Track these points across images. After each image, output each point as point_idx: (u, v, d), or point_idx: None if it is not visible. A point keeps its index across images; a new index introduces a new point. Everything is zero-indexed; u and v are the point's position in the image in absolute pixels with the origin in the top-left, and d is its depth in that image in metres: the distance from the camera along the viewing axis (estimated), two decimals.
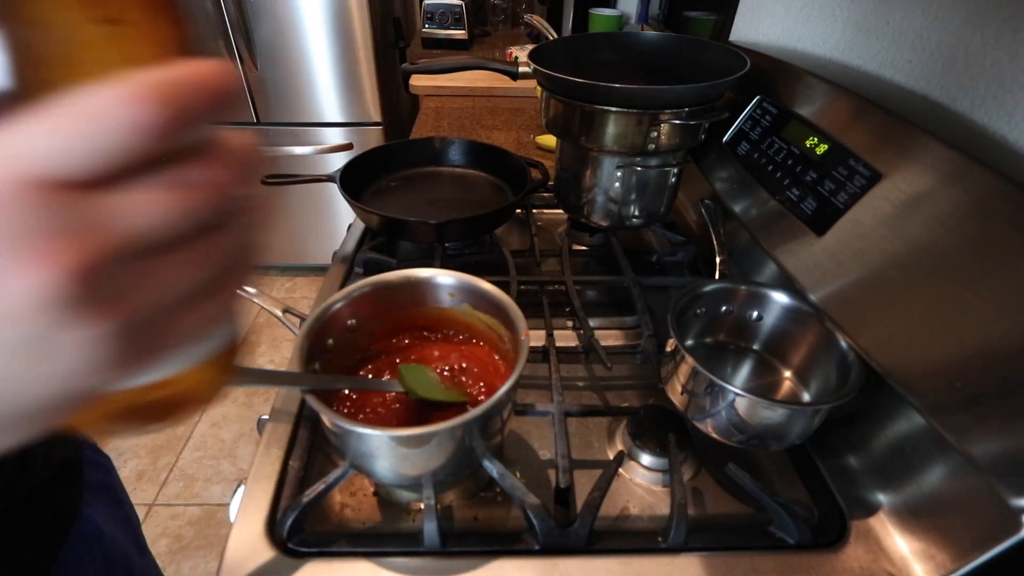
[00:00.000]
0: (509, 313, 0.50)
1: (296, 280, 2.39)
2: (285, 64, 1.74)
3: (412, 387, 0.48)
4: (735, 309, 0.61)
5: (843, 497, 0.51)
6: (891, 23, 0.63)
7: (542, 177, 0.88)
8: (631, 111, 0.67)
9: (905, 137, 0.53)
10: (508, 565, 0.45)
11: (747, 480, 0.49)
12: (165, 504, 1.55)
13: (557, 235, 0.93)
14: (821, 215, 0.59)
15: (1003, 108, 0.51)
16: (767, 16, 0.88)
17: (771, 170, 0.68)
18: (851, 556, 0.47)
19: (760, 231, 0.67)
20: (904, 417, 0.49)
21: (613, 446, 0.57)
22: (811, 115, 0.66)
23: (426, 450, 0.43)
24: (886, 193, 0.53)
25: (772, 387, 0.59)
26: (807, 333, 0.57)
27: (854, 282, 0.53)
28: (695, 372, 0.51)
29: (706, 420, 0.52)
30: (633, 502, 0.52)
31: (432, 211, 0.84)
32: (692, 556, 0.46)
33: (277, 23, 1.66)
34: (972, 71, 0.53)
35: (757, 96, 0.75)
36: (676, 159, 0.74)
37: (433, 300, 0.56)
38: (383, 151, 0.92)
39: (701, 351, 0.63)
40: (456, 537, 0.48)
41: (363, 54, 1.74)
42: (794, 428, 0.49)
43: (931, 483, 0.46)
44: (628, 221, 0.80)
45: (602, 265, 0.86)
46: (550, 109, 0.76)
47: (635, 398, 0.63)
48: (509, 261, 0.77)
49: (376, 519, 0.50)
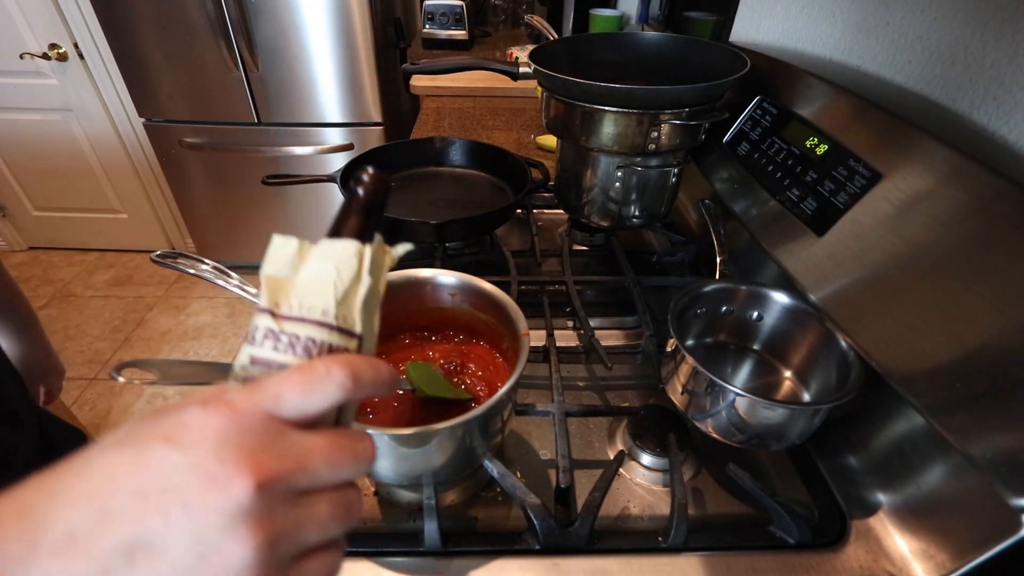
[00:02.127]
0: (509, 313, 0.50)
1: None
2: (286, 65, 1.74)
3: (419, 384, 0.48)
4: (735, 309, 0.61)
5: (843, 497, 0.51)
6: (891, 23, 0.63)
7: (542, 177, 0.88)
8: (631, 111, 0.67)
9: (905, 137, 0.53)
10: (508, 565, 0.45)
11: (747, 480, 0.49)
12: None
13: (557, 235, 0.93)
14: (821, 215, 0.59)
15: (1003, 108, 0.51)
16: (767, 16, 0.88)
17: (771, 170, 0.68)
18: (851, 556, 0.47)
19: (760, 231, 0.67)
20: (904, 417, 0.49)
21: (613, 446, 0.57)
22: (811, 115, 0.66)
23: (426, 450, 0.43)
24: (886, 193, 0.53)
25: (772, 387, 0.59)
26: (807, 333, 0.57)
27: (854, 282, 0.53)
28: (695, 372, 0.51)
29: (706, 420, 0.52)
30: (633, 502, 0.52)
31: (432, 211, 0.84)
32: (692, 556, 0.46)
33: (278, 24, 1.66)
34: (972, 71, 0.53)
35: (757, 96, 0.75)
36: (676, 159, 0.74)
37: (434, 300, 0.56)
38: (384, 151, 0.93)
39: (701, 351, 0.63)
40: (456, 537, 0.48)
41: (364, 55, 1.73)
42: (794, 428, 0.49)
43: (931, 483, 0.46)
44: (628, 221, 0.80)
45: (602, 265, 0.86)
46: (550, 109, 0.76)
47: (635, 398, 0.63)
48: (509, 261, 0.77)
49: (376, 519, 0.50)
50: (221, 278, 0.59)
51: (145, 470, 0.19)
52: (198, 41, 1.69)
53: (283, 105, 1.84)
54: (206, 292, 2.25)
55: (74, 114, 2.05)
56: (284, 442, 0.21)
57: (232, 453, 0.19)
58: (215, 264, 0.60)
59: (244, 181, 2.01)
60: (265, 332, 0.24)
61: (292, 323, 0.24)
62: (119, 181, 2.24)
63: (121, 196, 2.29)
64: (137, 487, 0.19)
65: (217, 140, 1.92)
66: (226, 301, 2.21)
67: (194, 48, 1.71)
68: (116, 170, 2.21)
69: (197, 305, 2.21)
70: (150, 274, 2.36)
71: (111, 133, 2.10)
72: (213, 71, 1.75)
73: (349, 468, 0.23)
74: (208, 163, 1.98)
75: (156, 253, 0.62)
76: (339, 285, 0.25)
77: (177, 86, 1.80)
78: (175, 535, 0.18)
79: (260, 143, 1.93)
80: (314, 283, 0.25)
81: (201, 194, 2.08)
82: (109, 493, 0.18)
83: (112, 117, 2.07)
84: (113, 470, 0.19)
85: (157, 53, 1.73)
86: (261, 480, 0.19)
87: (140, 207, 2.33)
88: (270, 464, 0.20)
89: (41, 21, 1.85)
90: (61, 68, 1.94)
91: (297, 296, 0.24)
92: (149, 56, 1.74)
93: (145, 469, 0.19)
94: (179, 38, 1.69)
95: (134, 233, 2.41)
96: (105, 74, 1.96)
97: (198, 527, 0.18)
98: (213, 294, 2.25)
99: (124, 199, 2.30)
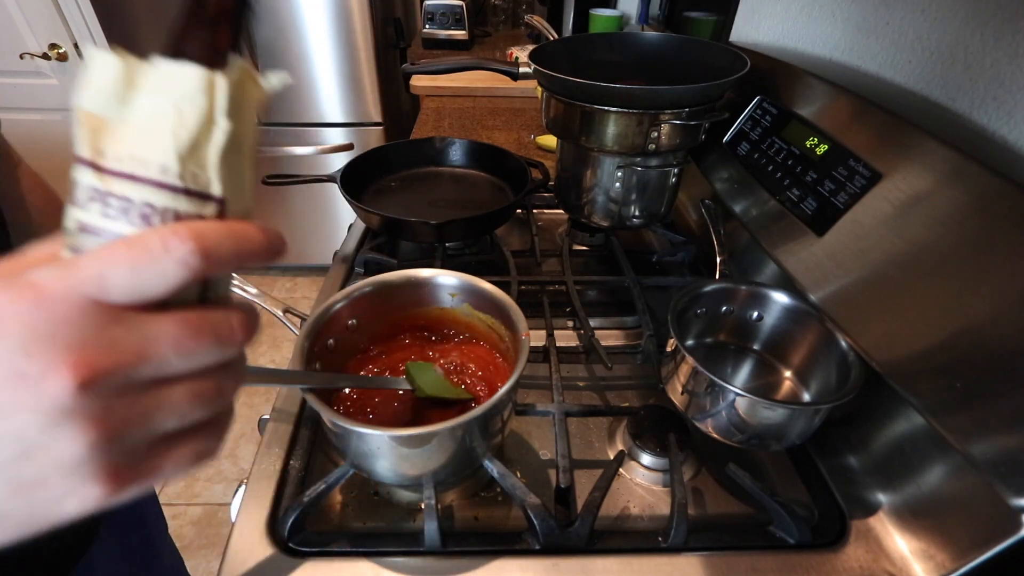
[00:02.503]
0: (510, 313, 0.50)
1: (297, 280, 2.39)
2: (286, 65, 1.74)
3: (419, 384, 0.48)
4: (735, 309, 0.61)
5: (843, 497, 0.51)
6: (891, 23, 0.63)
7: (542, 177, 0.88)
8: (631, 111, 0.67)
9: (905, 137, 0.53)
10: (509, 565, 0.45)
11: (747, 480, 0.49)
12: (166, 504, 1.55)
13: (557, 235, 0.93)
14: (821, 215, 0.59)
15: (1002, 108, 0.51)
16: (767, 17, 0.88)
17: (771, 170, 0.68)
18: (851, 556, 0.47)
19: (760, 231, 0.67)
20: (904, 417, 0.49)
21: (613, 446, 0.57)
22: (811, 115, 0.66)
23: (426, 450, 0.43)
24: (886, 193, 0.53)
25: (772, 387, 0.59)
26: (807, 333, 0.57)
27: (854, 282, 0.53)
28: (695, 372, 0.51)
29: (706, 420, 0.52)
30: (633, 502, 0.52)
31: (432, 211, 0.84)
32: (692, 556, 0.46)
33: (278, 24, 1.66)
34: (972, 71, 0.53)
35: (757, 96, 0.75)
36: (676, 159, 0.74)
37: (434, 300, 0.56)
38: (384, 151, 0.92)
39: (701, 351, 0.63)
40: (456, 537, 0.48)
41: (364, 55, 1.74)
42: (794, 428, 0.49)
43: (931, 483, 0.46)
44: (628, 221, 0.80)
45: (602, 265, 0.86)
46: (550, 109, 0.76)
47: (635, 398, 0.63)
48: (509, 261, 0.77)
49: (376, 519, 0.50)
50: None
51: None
52: None
53: (283, 105, 1.84)
54: None
55: None
56: (113, 331, 0.18)
57: (43, 347, 0.17)
58: None
59: None
60: (89, 192, 0.19)
61: (121, 181, 0.18)
62: None
63: None
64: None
65: None
66: None
67: None
68: None
69: None
70: None
71: None
72: None
73: (210, 353, 0.20)
74: None
75: None
76: (181, 132, 0.18)
77: None
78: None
79: (260, 143, 1.93)
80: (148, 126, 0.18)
81: None
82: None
83: None
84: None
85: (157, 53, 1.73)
86: (84, 377, 0.17)
87: None
88: (94, 358, 0.17)
89: (41, 21, 1.85)
90: (61, 68, 1.94)
91: (126, 143, 0.18)
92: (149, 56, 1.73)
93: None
94: None
95: None
96: None
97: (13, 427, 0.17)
98: None
99: None
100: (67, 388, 0.17)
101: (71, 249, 0.19)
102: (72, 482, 0.18)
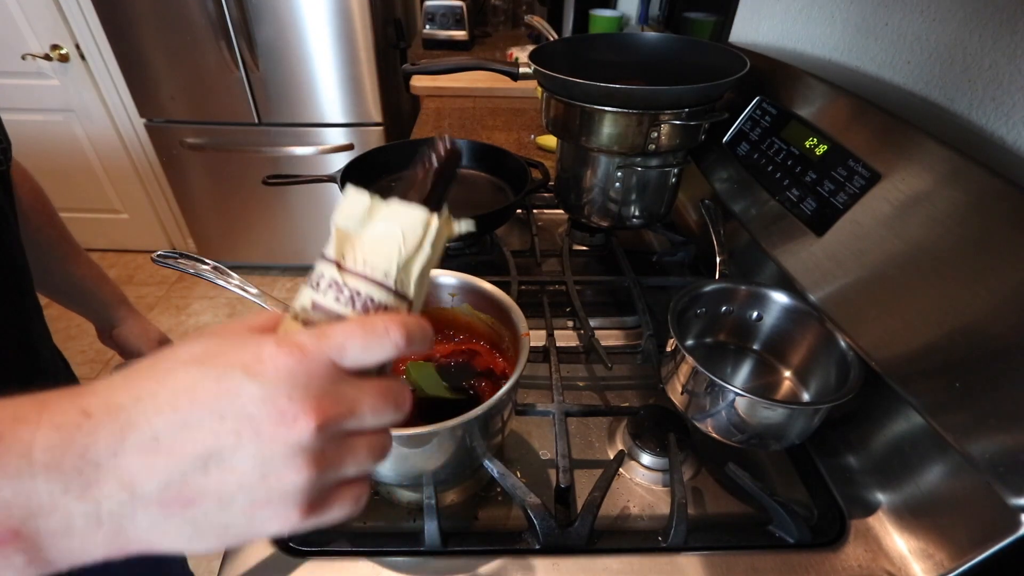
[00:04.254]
0: (510, 313, 0.50)
1: (297, 280, 2.39)
2: (286, 65, 1.74)
3: (419, 384, 0.48)
4: (735, 309, 0.61)
5: (842, 496, 0.51)
6: (890, 24, 0.63)
7: (542, 177, 0.89)
8: (631, 112, 0.67)
9: (904, 138, 0.53)
10: (509, 564, 0.46)
11: (747, 480, 0.49)
12: None
13: (557, 235, 0.93)
14: (821, 215, 0.59)
15: (1001, 109, 0.51)
16: (767, 17, 0.88)
17: (771, 170, 0.68)
18: (850, 555, 0.47)
19: (760, 231, 0.67)
20: (903, 417, 0.49)
21: (613, 446, 0.57)
22: (811, 116, 0.66)
23: (426, 450, 0.43)
24: (885, 193, 0.53)
25: (772, 387, 0.59)
26: (807, 333, 0.57)
27: (854, 282, 0.53)
28: (695, 372, 0.51)
29: (706, 420, 0.52)
30: (633, 502, 0.52)
31: None
32: (692, 555, 0.46)
33: (279, 24, 1.66)
34: (970, 72, 0.53)
35: (757, 97, 0.76)
36: (676, 159, 0.74)
37: (434, 300, 0.56)
38: (384, 151, 0.93)
39: (701, 351, 0.63)
40: (456, 537, 0.48)
41: (364, 55, 1.74)
42: (794, 428, 0.50)
43: (930, 482, 0.46)
44: (628, 221, 0.80)
45: (602, 265, 0.86)
46: (550, 109, 0.76)
47: (635, 398, 0.63)
48: (509, 261, 0.78)
49: (377, 518, 0.50)
50: (222, 278, 0.59)
51: (224, 394, 0.21)
52: (199, 42, 1.70)
53: (284, 105, 1.84)
54: (207, 292, 2.26)
55: (75, 115, 2.05)
56: (341, 389, 0.23)
57: (301, 394, 0.22)
58: (215, 264, 0.60)
59: (245, 181, 2.01)
60: (329, 282, 0.26)
61: (355, 279, 0.26)
62: (120, 181, 2.24)
63: (122, 196, 2.29)
64: (216, 408, 0.21)
65: (218, 140, 1.92)
66: (227, 301, 2.22)
67: (195, 49, 1.71)
68: (117, 170, 2.21)
69: (198, 305, 2.21)
70: (151, 274, 2.36)
71: (112, 134, 2.10)
72: (214, 71, 1.76)
73: (390, 415, 0.25)
74: (209, 163, 1.98)
75: (157, 253, 0.62)
76: (403, 250, 0.26)
77: (178, 87, 1.80)
78: (244, 455, 0.21)
79: (261, 143, 1.93)
80: (380, 243, 0.26)
81: (202, 194, 2.09)
82: (189, 408, 0.21)
83: (113, 118, 2.07)
84: (194, 387, 0.21)
85: (158, 54, 1.73)
86: (320, 422, 0.22)
87: (141, 207, 2.33)
88: (329, 408, 0.22)
89: (43, 22, 1.86)
90: (63, 69, 1.94)
91: (363, 253, 0.26)
92: (150, 57, 1.74)
93: (225, 394, 0.21)
94: (180, 39, 1.69)
95: (135, 233, 2.41)
96: (106, 75, 1.96)
97: (264, 452, 0.21)
98: (214, 294, 2.25)
99: (125, 199, 2.31)
100: (309, 429, 0.22)
101: (302, 321, 0.26)
102: (283, 507, 0.22)
